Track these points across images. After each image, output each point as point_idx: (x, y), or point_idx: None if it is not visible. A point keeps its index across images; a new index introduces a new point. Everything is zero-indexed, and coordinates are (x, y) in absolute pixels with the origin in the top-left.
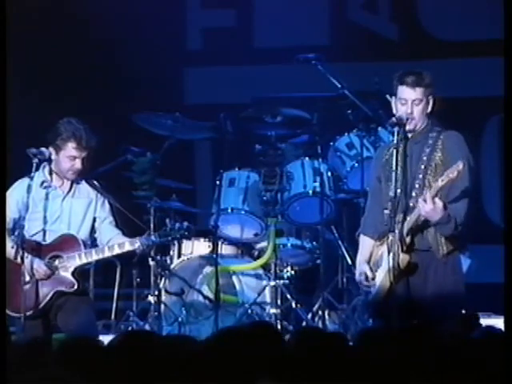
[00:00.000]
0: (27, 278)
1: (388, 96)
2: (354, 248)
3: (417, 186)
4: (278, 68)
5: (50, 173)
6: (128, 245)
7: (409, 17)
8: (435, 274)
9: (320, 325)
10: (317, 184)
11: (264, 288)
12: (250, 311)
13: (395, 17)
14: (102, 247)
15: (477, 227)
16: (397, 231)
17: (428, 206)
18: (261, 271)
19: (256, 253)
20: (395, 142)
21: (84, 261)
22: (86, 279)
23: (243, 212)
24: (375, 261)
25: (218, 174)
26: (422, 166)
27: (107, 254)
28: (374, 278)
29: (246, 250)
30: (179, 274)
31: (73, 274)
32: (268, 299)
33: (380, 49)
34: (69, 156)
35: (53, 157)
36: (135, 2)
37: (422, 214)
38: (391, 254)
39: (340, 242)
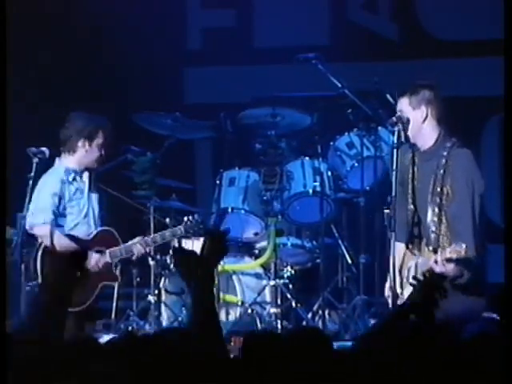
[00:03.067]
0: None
1: (388, 96)
2: (353, 247)
3: (430, 210)
4: (277, 68)
5: (77, 167)
6: (169, 235)
7: (409, 17)
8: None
9: (320, 324)
10: (317, 183)
11: (264, 287)
12: (250, 311)
13: (395, 16)
14: (145, 240)
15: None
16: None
17: (439, 268)
18: (261, 271)
19: (256, 252)
20: (395, 141)
21: (124, 255)
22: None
23: (243, 211)
24: (407, 269)
25: (217, 173)
26: (437, 189)
27: (149, 246)
28: (402, 293)
29: (246, 249)
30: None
31: (115, 267)
32: (268, 299)
33: (380, 48)
34: (101, 144)
35: (85, 149)
36: (135, 2)
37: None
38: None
39: (340, 242)
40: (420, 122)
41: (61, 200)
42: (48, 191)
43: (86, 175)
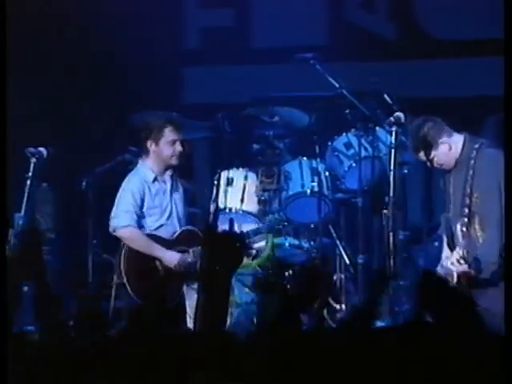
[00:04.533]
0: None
1: (386, 96)
2: (351, 247)
3: (465, 219)
4: (275, 68)
5: (155, 167)
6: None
7: (407, 16)
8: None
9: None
10: (315, 184)
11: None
12: (247, 311)
13: (393, 16)
14: None
15: None
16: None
17: (456, 268)
18: (258, 271)
19: (254, 252)
20: (393, 141)
21: None
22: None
23: (241, 211)
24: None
25: (215, 173)
26: (467, 190)
27: None
28: None
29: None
30: None
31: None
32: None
33: (378, 48)
34: (169, 141)
35: (153, 149)
36: (133, 2)
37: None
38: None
39: (338, 242)
40: (447, 151)
41: (143, 201)
42: (130, 193)
43: (167, 174)
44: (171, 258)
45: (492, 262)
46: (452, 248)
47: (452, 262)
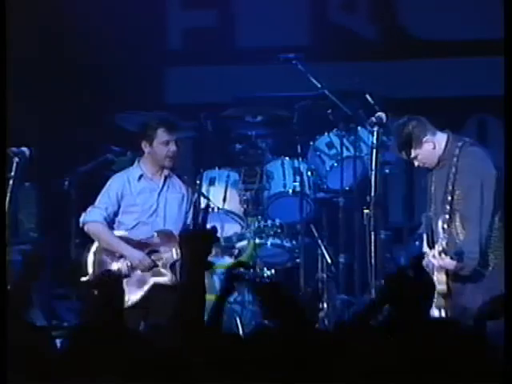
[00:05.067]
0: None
1: (368, 96)
2: (333, 247)
3: (446, 216)
4: (258, 68)
5: (148, 167)
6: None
7: (388, 17)
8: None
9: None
10: (297, 183)
11: (244, 287)
12: (230, 310)
13: (374, 17)
14: None
15: None
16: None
17: (438, 262)
18: (241, 270)
19: (236, 252)
20: (374, 141)
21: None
22: None
23: (223, 211)
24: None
25: (198, 173)
26: (449, 187)
27: None
28: None
29: (226, 248)
30: None
31: (170, 267)
32: (248, 298)
33: (360, 49)
34: (162, 142)
35: (147, 150)
36: (116, 3)
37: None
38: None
39: (319, 241)
40: (431, 149)
41: (121, 199)
42: (107, 190)
43: (161, 174)
44: (135, 256)
45: (471, 259)
46: (431, 246)
47: (433, 255)
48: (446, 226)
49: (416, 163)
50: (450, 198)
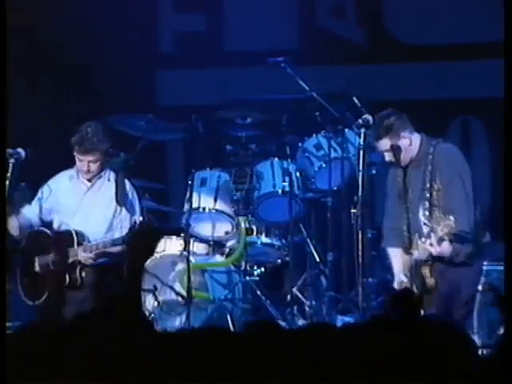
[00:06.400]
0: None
1: (355, 98)
2: (321, 245)
3: (426, 212)
4: (248, 71)
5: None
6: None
7: (375, 21)
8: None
9: (289, 320)
10: (286, 184)
11: (235, 285)
12: (221, 307)
13: (362, 21)
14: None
15: None
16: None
17: (435, 249)
18: (232, 268)
19: (227, 250)
20: (361, 143)
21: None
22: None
23: (214, 211)
24: (409, 267)
25: (189, 173)
26: (427, 184)
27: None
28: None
29: (217, 247)
30: (152, 272)
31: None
32: (238, 295)
33: (347, 53)
34: (77, 158)
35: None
36: (108, 6)
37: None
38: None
39: (308, 240)
40: (407, 145)
41: (48, 197)
42: (43, 187)
43: (90, 177)
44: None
45: (465, 246)
46: (418, 239)
47: (431, 244)
48: (426, 221)
49: (387, 158)
50: (428, 194)
